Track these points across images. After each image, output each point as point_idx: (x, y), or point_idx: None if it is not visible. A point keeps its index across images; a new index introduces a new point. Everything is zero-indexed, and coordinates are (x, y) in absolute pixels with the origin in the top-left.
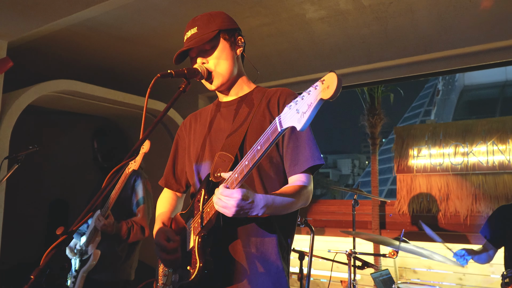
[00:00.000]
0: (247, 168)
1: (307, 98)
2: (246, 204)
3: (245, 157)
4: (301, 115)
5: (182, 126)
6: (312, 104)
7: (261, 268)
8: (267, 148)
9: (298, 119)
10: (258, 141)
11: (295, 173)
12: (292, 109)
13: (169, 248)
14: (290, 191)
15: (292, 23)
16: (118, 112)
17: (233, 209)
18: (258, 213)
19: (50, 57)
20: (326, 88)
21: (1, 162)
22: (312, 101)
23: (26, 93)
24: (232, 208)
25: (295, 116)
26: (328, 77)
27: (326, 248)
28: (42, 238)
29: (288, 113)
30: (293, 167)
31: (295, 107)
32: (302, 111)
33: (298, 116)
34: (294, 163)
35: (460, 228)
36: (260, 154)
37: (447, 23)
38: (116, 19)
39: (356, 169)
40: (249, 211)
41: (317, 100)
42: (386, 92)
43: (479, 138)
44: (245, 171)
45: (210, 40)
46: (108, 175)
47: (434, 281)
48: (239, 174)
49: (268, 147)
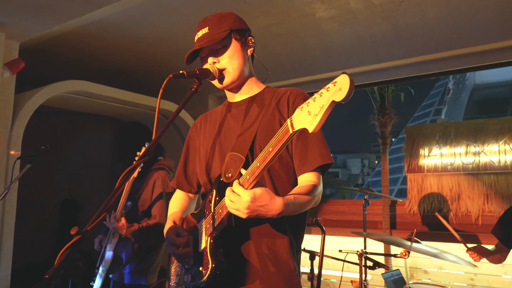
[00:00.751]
0: (259, 170)
1: (319, 100)
2: (259, 207)
3: (256, 159)
4: (313, 117)
5: (193, 127)
6: (324, 106)
7: (273, 268)
8: (278, 150)
9: (310, 121)
10: (269, 143)
11: (304, 172)
12: (304, 111)
13: (179, 242)
14: (304, 191)
15: (302, 23)
16: (129, 112)
17: (245, 211)
18: (273, 215)
19: (62, 58)
20: (338, 90)
21: (14, 163)
22: (324, 103)
23: (38, 93)
24: (244, 210)
25: (307, 118)
26: (340, 79)
27: (336, 248)
28: (53, 238)
29: (299, 115)
30: (302, 166)
31: (306, 109)
32: (314, 113)
33: (310, 118)
34: (303, 162)
35: (471, 228)
36: (272, 156)
37: (458, 21)
38: (127, 19)
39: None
40: (264, 214)
41: (329, 102)
42: (396, 91)
43: (491, 137)
44: (256, 173)
45: (221, 40)
46: (121, 176)
47: (445, 281)
48: (250, 175)
49: (280, 149)
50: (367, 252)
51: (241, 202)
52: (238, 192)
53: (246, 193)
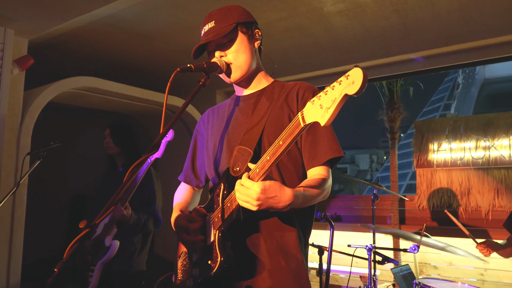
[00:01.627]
0: (269, 163)
1: (331, 93)
2: (269, 199)
3: (266, 152)
4: (324, 111)
5: (200, 121)
6: (336, 100)
7: (282, 262)
8: (289, 144)
9: (322, 114)
10: (280, 136)
11: (313, 166)
12: (315, 104)
13: (192, 229)
14: (314, 184)
15: (310, 17)
16: (137, 108)
17: (255, 203)
18: (283, 206)
19: (70, 54)
20: (351, 83)
21: (23, 158)
22: (336, 96)
23: (47, 90)
24: (254, 202)
25: (319, 111)
26: (353, 72)
27: (345, 243)
28: (63, 234)
29: (311, 108)
30: (311, 160)
31: (318, 102)
32: (326, 107)
33: (322, 112)
34: (313, 156)
35: (481, 223)
36: (282, 149)
37: (469, 14)
38: (134, 15)
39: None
40: (274, 205)
41: (342, 95)
42: (405, 86)
43: (501, 131)
44: (266, 166)
45: (228, 33)
46: (130, 169)
47: (455, 276)
48: (260, 169)
49: (291, 143)
50: (376, 247)
51: (251, 194)
52: (247, 185)
53: (256, 185)
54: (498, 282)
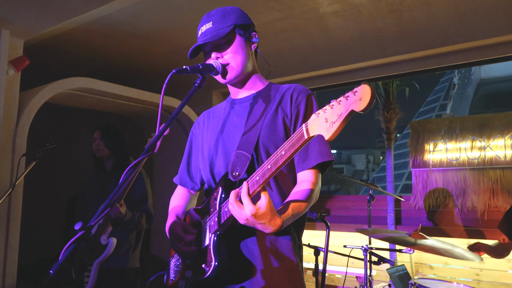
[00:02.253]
0: (270, 172)
1: (337, 108)
2: (257, 223)
3: (267, 161)
4: (330, 125)
5: (196, 123)
6: (342, 115)
7: (276, 264)
8: (291, 155)
9: (327, 128)
10: (282, 146)
11: (303, 169)
12: (321, 117)
13: (187, 240)
14: (302, 198)
15: (306, 18)
16: (134, 109)
17: (242, 222)
18: (269, 232)
19: (66, 55)
20: (358, 100)
21: (19, 159)
22: (342, 111)
23: (42, 91)
24: (241, 221)
25: (324, 125)
26: (361, 89)
27: (341, 244)
28: (60, 235)
29: (315, 121)
30: (301, 163)
31: (323, 116)
32: (331, 121)
33: (327, 125)
34: (303, 159)
35: (477, 224)
36: (284, 159)
37: (464, 14)
38: (131, 16)
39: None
40: (261, 229)
41: (348, 111)
42: (401, 86)
43: (497, 132)
44: (267, 175)
45: (225, 35)
46: (126, 170)
47: (451, 276)
48: (260, 177)
49: (293, 154)
50: (372, 248)
51: (241, 213)
52: (244, 203)
53: (249, 207)
54: (493, 282)
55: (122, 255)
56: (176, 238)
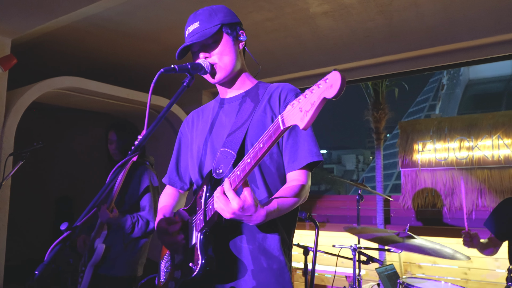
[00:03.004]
0: (249, 166)
1: (310, 97)
2: (243, 216)
3: (247, 155)
4: (304, 114)
5: (185, 123)
6: (315, 103)
7: (264, 264)
8: (269, 146)
9: (301, 117)
10: (260, 139)
11: (293, 169)
12: (295, 107)
13: (171, 230)
14: (290, 194)
15: (296, 18)
16: (123, 108)
17: (228, 216)
18: (254, 224)
19: (54, 54)
20: (329, 87)
21: (6, 159)
22: (315, 99)
23: (30, 90)
24: (227, 214)
25: (298, 114)
26: (331, 76)
27: (330, 243)
28: (49, 235)
29: (291, 111)
30: (291, 163)
31: (298, 106)
32: (305, 110)
33: (301, 115)
34: (293, 159)
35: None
36: (262, 152)
37: (452, 16)
38: (119, 15)
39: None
40: (245, 221)
41: (320, 99)
42: (390, 86)
43: (485, 132)
44: (247, 169)
45: (212, 35)
46: (112, 170)
47: (439, 275)
48: (241, 171)
49: (271, 146)
50: (361, 247)
51: (228, 207)
52: (229, 196)
53: (236, 200)
54: (481, 281)
55: (115, 262)
56: (162, 232)
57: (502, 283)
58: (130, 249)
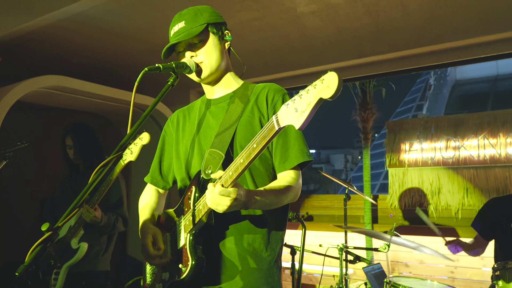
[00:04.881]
0: (242, 166)
1: (306, 97)
2: (239, 203)
3: (240, 155)
4: (299, 114)
5: (169, 121)
6: (311, 103)
7: (253, 264)
8: (263, 147)
9: (296, 117)
10: (253, 139)
11: (284, 169)
12: (290, 107)
13: (154, 255)
14: (279, 187)
15: (283, 17)
16: (109, 108)
17: (226, 207)
18: (244, 208)
19: (39, 52)
20: (326, 87)
21: None
22: (311, 100)
23: (14, 89)
24: (225, 207)
25: (293, 115)
26: (328, 77)
27: (318, 243)
28: (33, 237)
29: (285, 112)
30: (282, 163)
31: (293, 106)
32: (300, 110)
33: (296, 115)
34: (284, 159)
35: (451, 222)
36: (256, 152)
37: (439, 16)
38: (105, 13)
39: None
40: (238, 208)
41: (317, 99)
42: (378, 86)
43: (470, 132)
44: (240, 169)
45: (198, 34)
46: (95, 170)
47: (426, 274)
48: (233, 172)
49: (265, 146)
50: (348, 247)
51: (224, 199)
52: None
53: (231, 191)
54: (467, 279)
55: (91, 258)
56: (145, 252)
57: (488, 282)
58: (104, 246)
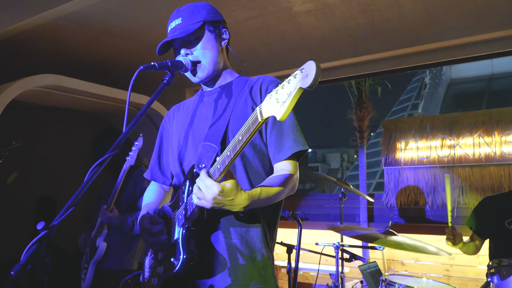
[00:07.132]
0: (229, 159)
1: (287, 87)
2: (225, 200)
3: (227, 148)
4: (281, 105)
5: (166, 117)
6: (291, 93)
7: (247, 257)
8: (248, 139)
9: (278, 108)
10: (239, 131)
11: (279, 160)
12: (273, 98)
13: (154, 231)
14: (276, 182)
15: (279, 16)
16: (104, 107)
17: (209, 203)
18: (239, 210)
19: (34, 51)
20: (305, 76)
21: None
22: (291, 90)
23: (9, 88)
24: (209, 202)
25: (275, 105)
26: (307, 66)
27: (314, 241)
28: (30, 236)
29: (268, 103)
30: (277, 154)
31: (275, 97)
32: (282, 101)
33: (278, 106)
34: (279, 150)
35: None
36: (241, 144)
37: (434, 15)
38: (101, 12)
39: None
40: (229, 208)
41: (296, 89)
42: (373, 85)
43: (466, 130)
44: (227, 162)
45: (194, 31)
46: (90, 169)
47: (422, 272)
48: (221, 165)
49: (249, 138)
50: (344, 245)
51: (208, 194)
52: (207, 184)
53: (215, 186)
54: (463, 277)
55: (114, 258)
56: (145, 232)
57: (483, 279)
58: (127, 245)
